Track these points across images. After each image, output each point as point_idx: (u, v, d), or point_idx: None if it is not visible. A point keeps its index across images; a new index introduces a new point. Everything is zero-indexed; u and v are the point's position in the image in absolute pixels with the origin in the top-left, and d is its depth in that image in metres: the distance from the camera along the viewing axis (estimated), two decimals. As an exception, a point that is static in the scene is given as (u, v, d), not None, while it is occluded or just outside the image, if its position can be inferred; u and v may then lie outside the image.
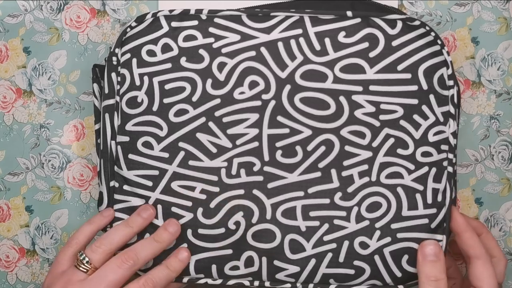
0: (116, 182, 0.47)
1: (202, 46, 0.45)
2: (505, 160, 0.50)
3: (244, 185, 0.45)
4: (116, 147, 0.47)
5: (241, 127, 0.45)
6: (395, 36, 0.44)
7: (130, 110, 0.46)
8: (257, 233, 0.45)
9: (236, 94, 0.45)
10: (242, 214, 0.45)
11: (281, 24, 0.45)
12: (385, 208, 0.44)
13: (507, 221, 0.50)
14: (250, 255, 0.46)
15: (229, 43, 0.45)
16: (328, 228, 0.45)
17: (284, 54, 0.45)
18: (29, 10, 0.50)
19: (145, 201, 0.46)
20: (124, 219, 0.47)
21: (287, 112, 0.45)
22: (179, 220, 0.46)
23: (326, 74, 0.45)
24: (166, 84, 0.46)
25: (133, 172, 0.46)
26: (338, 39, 0.45)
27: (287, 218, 0.45)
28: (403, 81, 0.44)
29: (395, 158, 0.44)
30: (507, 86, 0.50)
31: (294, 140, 0.45)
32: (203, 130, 0.46)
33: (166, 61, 0.46)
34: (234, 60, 0.45)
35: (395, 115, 0.44)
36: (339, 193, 0.45)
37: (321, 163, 0.45)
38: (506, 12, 0.50)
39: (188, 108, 0.46)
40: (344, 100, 0.45)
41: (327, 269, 0.45)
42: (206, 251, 0.46)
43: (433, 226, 0.44)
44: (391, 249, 0.45)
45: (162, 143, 0.46)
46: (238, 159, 0.45)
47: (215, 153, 0.46)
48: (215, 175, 0.46)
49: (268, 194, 0.45)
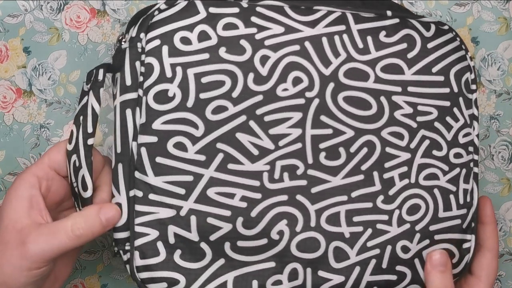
0: (139, 191, 0.40)
1: (244, 37, 0.41)
2: (505, 160, 0.53)
3: (287, 190, 0.42)
4: (139, 149, 0.40)
5: (284, 126, 0.42)
6: (430, 38, 0.45)
7: (158, 106, 0.40)
8: (301, 242, 0.42)
9: (279, 91, 0.42)
10: (286, 222, 0.41)
11: (325, 18, 0.43)
12: (424, 210, 0.44)
13: (507, 221, 0.53)
14: (294, 267, 0.42)
15: (272, 35, 0.42)
16: (371, 233, 0.43)
17: (328, 50, 0.43)
18: (29, 10, 0.50)
19: (176, 211, 0.40)
20: (150, 234, 0.40)
21: (330, 111, 0.42)
22: (215, 232, 0.40)
23: (368, 73, 0.43)
24: (203, 77, 0.40)
25: (161, 178, 0.40)
26: (380, 38, 0.44)
27: (331, 225, 0.42)
28: (437, 83, 0.45)
29: (431, 159, 0.44)
30: (507, 86, 0.53)
31: (338, 141, 0.43)
32: (243, 130, 0.41)
33: (203, 51, 0.40)
34: (278, 53, 0.42)
35: (430, 117, 0.45)
36: (381, 196, 0.43)
37: (363, 166, 0.43)
38: (506, 12, 0.52)
39: (228, 105, 0.41)
40: (385, 101, 0.44)
41: (371, 277, 0.43)
42: (246, 266, 0.41)
43: (464, 226, 0.45)
44: (429, 251, 0.44)
45: (197, 144, 0.40)
46: (281, 161, 0.41)
47: (256, 156, 0.41)
48: (257, 180, 0.41)
49: (312, 200, 0.42)
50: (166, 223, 0.40)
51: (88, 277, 0.51)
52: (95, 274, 0.51)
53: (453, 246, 0.45)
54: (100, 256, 0.50)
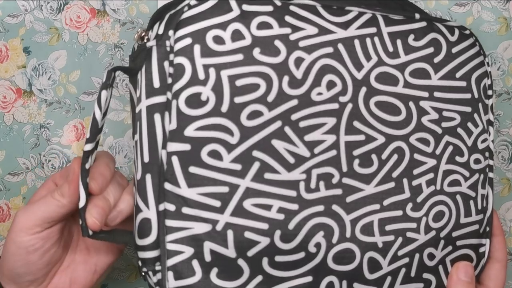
0: (170, 204, 0.36)
1: (278, 37, 0.38)
2: (505, 160, 0.54)
3: (323, 200, 0.39)
4: (169, 159, 0.36)
5: (319, 133, 0.39)
6: (454, 43, 0.44)
7: (191, 111, 0.36)
8: (337, 255, 0.40)
9: (314, 95, 0.39)
10: (323, 234, 0.39)
11: (356, 20, 0.41)
12: (447, 217, 0.44)
13: (507, 221, 0.54)
14: (330, 281, 0.40)
15: (306, 35, 0.39)
16: (401, 242, 0.42)
17: (361, 53, 0.41)
18: (29, 10, 0.49)
19: (212, 226, 0.37)
20: (184, 252, 0.36)
21: (363, 117, 0.41)
22: (253, 247, 0.37)
23: (398, 78, 0.42)
24: (238, 79, 0.37)
25: (196, 190, 0.36)
26: (408, 42, 0.43)
27: (365, 235, 0.41)
28: (460, 89, 0.44)
29: (454, 165, 0.44)
30: (507, 86, 0.53)
31: (370, 148, 0.41)
32: (279, 136, 0.38)
33: (237, 51, 0.37)
34: (312, 55, 0.39)
35: (454, 123, 0.44)
36: (410, 203, 0.42)
37: (394, 173, 0.42)
38: (506, 12, 0.52)
39: (263, 110, 0.38)
40: (413, 106, 0.43)
41: (401, 286, 0.42)
42: (284, 282, 0.38)
43: (481, 231, 0.45)
44: (451, 257, 0.44)
45: (233, 152, 0.37)
46: (317, 170, 0.39)
47: (292, 164, 0.39)
48: (294, 190, 0.39)
49: (347, 209, 0.40)
50: (202, 239, 0.36)
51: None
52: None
53: (472, 251, 0.45)
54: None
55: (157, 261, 0.36)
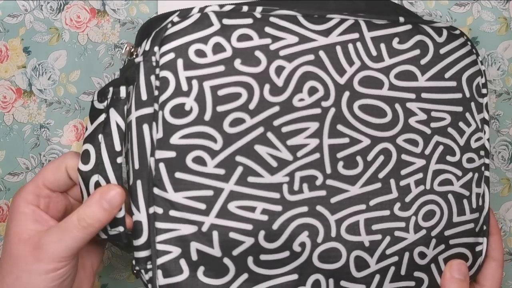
0: (159, 208, 0.39)
1: (259, 48, 0.41)
2: (505, 160, 0.54)
3: (307, 201, 0.41)
4: (157, 165, 0.39)
5: (301, 137, 0.41)
6: (442, 44, 0.45)
7: (176, 120, 0.39)
8: (323, 253, 0.41)
9: (296, 101, 0.41)
10: (307, 233, 0.41)
11: (338, 27, 0.43)
12: (438, 216, 0.44)
13: (507, 221, 0.54)
14: (317, 279, 0.41)
15: (287, 45, 0.41)
16: (389, 241, 0.43)
17: (343, 59, 0.42)
18: (29, 10, 0.50)
19: (198, 227, 0.39)
20: (172, 252, 0.39)
21: (346, 120, 0.42)
22: (238, 247, 0.40)
23: (382, 81, 0.43)
24: (220, 89, 0.40)
25: (181, 194, 0.39)
26: (393, 45, 0.44)
27: (351, 234, 0.42)
28: (450, 89, 0.45)
29: (445, 165, 0.45)
30: (507, 86, 0.53)
31: (355, 150, 0.42)
32: (261, 142, 0.40)
33: (218, 63, 0.40)
34: (292, 63, 0.41)
35: (444, 123, 0.45)
36: (398, 203, 0.43)
37: (380, 173, 0.43)
38: (506, 12, 0.52)
39: (245, 117, 0.40)
40: (399, 108, 0.44)
41: (390, 284, 0.43)
42: (270, 279, 0.41)
43: (477, 230, 0.46)
44: (444, 256, 0.45)
45: (216, 157, 0.39)
46: (300, 172, 0.41)
47: (275, 167, 0.41)
48: (277, 192, 0.41)
49: (331, 210, 0.42)
50: (188, 239, 0.39)
51: None
52: None
53: (467, 249, 0.45)
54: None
55: (149, 260, 0.39)
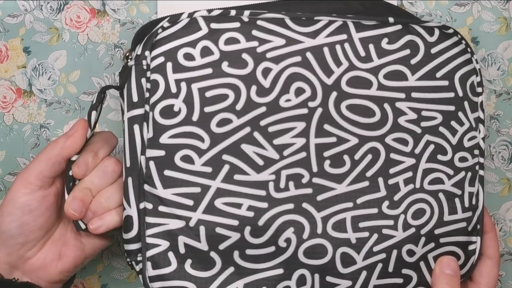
0: (149, 203, 0.41)
1: (246, 50, 0.42)
2: (505, 160, 0.53)
3: (293, 198, 0.43)
4: (147, 163, 0.41)
5: (288, 136, 0.43)
6: (434, 43, 0.45)
7: (165, 121, 0.41)
8: (308, 249, 0.43)
9: (282, 102, 0.43)
10: (293, 230, 0.42)
11: (326, 28, 0.44)
12: (428, 214, 0.45)
13: (507, 221, 0.53)
14: (302, 273, 0.43)
15: (274, 47, 0.42)
16: (377, 238, 0.44)
17: (330, 60, 0.43)
18: (29, 10, 0.50)
19: (186, 222, 0.41)
20: (161, 245, 0.41)
21: (334, 120, 0.43)
22: (224, 241, 0.41)
23: (371, 81, 0.44)
24: (207, 91, 0.41)
25: (170, 191, 0.41)
26: (382, 46, 0.44)
27: (337, 231, 0.43)
28: (442, 88, 0.45)
29: (436, 164, 0.45)
30: (507, 86, 0.53)
31: (342, 149, 0.43)
32: (248, 141, 0.42)
33: (206, 66, 0.42)
34: (279, 65, 0.42)
35: (435, 122, 0.45)
36: (387, 201, 0.44)
37: (368, 172, 0.44)
38: (506, 12, 0.52)
39: (232, 118, 0.42)
40: (388, 107, 0.44)
41: (377, 280, 0.44)
42: (255, 273, 0.42)
43: (469, 229, 0.46)
44: (434, 254, 0.45)
45: (204, 156, 0.41)
46: (286, 171, 0.42)
47: (262, 166, 0.42)
48: (263, 190, 0.42)
49: (317, 207, 0.43)
50: (176, 233, 0.41)
51: (88, 277, 0.51)
52: (95, 274, 0.51)
53: (459, 248, 0.45)
54: (100, 256, 0.51)
55: (139, 253, 0.42)
